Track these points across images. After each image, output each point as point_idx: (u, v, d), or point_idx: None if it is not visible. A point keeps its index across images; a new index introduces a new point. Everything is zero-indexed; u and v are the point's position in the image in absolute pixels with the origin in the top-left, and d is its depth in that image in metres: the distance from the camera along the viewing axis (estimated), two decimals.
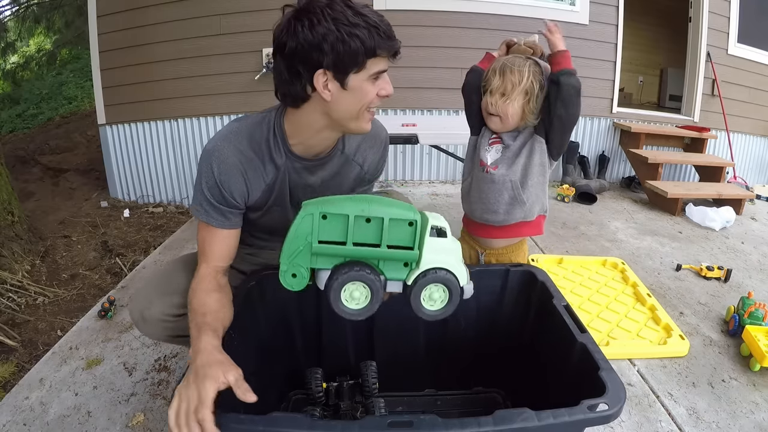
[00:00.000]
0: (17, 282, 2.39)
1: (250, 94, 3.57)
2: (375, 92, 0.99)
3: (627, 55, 4.11)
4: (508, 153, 1.32)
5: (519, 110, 1.26)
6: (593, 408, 0.73)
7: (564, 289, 2.16)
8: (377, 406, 1.06)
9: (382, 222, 0.79)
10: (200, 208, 1.07)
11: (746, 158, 4.57)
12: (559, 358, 0.99)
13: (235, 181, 1.05)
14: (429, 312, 0.87)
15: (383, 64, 0.97)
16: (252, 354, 1.05)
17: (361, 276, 0.81)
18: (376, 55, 0.94)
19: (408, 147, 3.82)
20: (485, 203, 1.35)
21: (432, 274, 0.84)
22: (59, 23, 6.82)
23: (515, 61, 1.26)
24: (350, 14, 0.90)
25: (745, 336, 1.73)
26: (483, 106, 1.32)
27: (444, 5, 3.56)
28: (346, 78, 0.94)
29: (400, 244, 0.82)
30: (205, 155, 1.06)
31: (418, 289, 0.84)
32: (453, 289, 0.85)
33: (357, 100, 0.98)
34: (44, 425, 1.40)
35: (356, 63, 0.93)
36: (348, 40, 0.90)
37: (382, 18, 0.95)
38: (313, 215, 0.80)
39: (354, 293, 0.84)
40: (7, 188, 2.76)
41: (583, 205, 3.50)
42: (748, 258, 2.67)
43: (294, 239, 0.81)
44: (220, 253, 1.08)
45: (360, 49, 0.91)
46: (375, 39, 0.92)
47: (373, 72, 0.96)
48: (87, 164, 4.57)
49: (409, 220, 0.81)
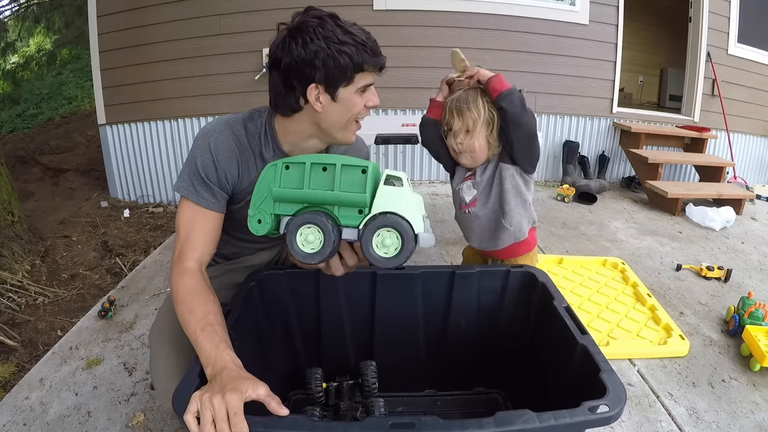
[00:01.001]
0: (17, 282, 2.39)
1: (250, 94, 3.57)
2: (362, 103, 1.06)
3: (627, 55, 4.11)
4: (479, 187, 1.35)
5: (485, 142, 1.29)
6: (594, 410, 0.73)
7: (564, 289, 2.16)
8: (377, 406, 1.06)
9: (335, 168, 0.84)
10: (190, 187, 1.05)
11: (746, 158, 4.57)
12: (560, 359, 0.98)
13: (230, 163, 1.07)
14: (380, 258, 0.86)
15: (370, 78, 1.06)
16: (252, 354, 1.05)
17: (314, 218, 0.85)
18: (363, 70, 1.02)
19: (408, 147, 3.83)
20: (475, 234, 1.42)
21: (381, 217, 0.84)
22: (59, 23, 6.82)
23: (467, 98, 1.27)
24: (339, 33, 0.98)
25: (745, 336, 1.73)
26: (450, 147, 1.34)
27: (444, 5, 3.56)
28: (336, 91, 1.02)
29: (353, 190, 0.85)
30: (201, 135, 1.07)
31: (369, 232, 0.86)
32: (405, 235, 0.84)
33: (346, 111, 1.05)
34: (44, 425, 1.40)
35: (345, 77, 1.01)
36: (338, 57, 0.98)
37: (369, 35, 1.03)
38: (276, 165, 0.87)
39: (309, 237, 0.87)
40: (7, 188, 2.76)
41: (583, 205, 3.50)
42: (748, 258, 2.67)
43: (259, 187, 0.88)
44: (205, 240, 1.05)
45: (348, 65, 0.99)
46: (362, 55, 1.00)
47: (360, 85, 1.04)
48: (87, 164, 4.57)
49: (362, 167, 0.85)
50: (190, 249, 1.02)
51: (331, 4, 3.23)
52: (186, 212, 1.05)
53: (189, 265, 1.00)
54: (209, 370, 0.79)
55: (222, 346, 0.83)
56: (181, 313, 0.92)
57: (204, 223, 1.05)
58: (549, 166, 4.08)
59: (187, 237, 1.03)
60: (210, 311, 0.91)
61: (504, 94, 1.19)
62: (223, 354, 0.81)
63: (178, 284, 0.97)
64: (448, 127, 1.31)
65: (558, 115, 3.95)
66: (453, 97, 1.30)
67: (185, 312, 0.91)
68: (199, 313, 0.89)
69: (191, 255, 1.02)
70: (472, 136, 1.27)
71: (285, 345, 1.22)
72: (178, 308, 0.94)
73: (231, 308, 1.02)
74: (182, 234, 1.04)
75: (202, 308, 0.91)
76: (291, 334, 1.23)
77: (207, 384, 0.77)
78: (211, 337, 0.84)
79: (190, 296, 0.94)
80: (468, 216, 1.39)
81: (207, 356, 0.81)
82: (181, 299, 0.94)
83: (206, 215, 1.05)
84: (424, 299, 1.19)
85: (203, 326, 0.86)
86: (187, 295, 0.94)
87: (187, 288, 0.96)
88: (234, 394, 0.71)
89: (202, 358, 0.82)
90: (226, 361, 0.80)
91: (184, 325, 0.90)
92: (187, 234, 1.04)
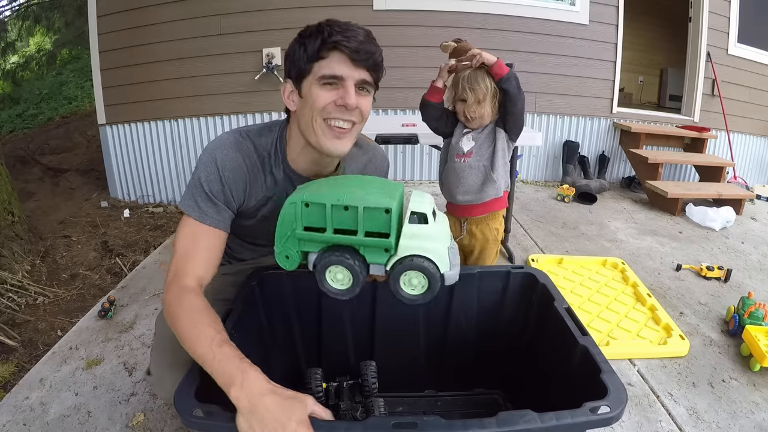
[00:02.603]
0: (17, 282, 2.38)
1: (250, 94, 3.57)
2: (328, 99, 0.95)
3: (627, 55, 4.11)
4: (478, 141, 1.59)
5: (490, 110, 1.55)
6: (595, 410, 0.73)
7: (564, 289, 2.16)
8: (377, 406, 1.06)
9: (357, 211, 0.82)
10: (193, 204, 0.98)
11: (746, 158, 4.57)
12: (560, 360, 0.98)
13: (237, 180, 1.01)
14: (408, 297, 0.88)
15: (337, 69, 0.93)
16: (252, 354, 1.05)
17: (341, 261, 0.85)
18: (321, 57, 0.93)
19: (408, 147, 3.83)
20: (463, 185, 1.59)
21: (408, 261, 0.85)
22: (59, 23, 6.82)
23: (476, 77, 1.51)
24: (316, 27, 0.94)
25: (745, 336, 1.73)
26: (461, 113, 1.58)
27: (444, 5, 3.56)
28: (301, 85, 0.97)
29: (378, 231, 0.84)
30: (208, 150, 1.01)
31: (396, 274, 0.86)
32: (431, 277, 0.86)
33: (309, 106, 0.96)
34: (44, 425, 1.40)
35: (304, 68, 0.95)
36: (297, 48, 0.95)
37: (352, 29, 0.94)
38: (296, 204, 0.84)
39: (338, 275, 0.87)
40: (7, 188, 2.76)
41: (583, 205, 3.50)
42: (748, 258, 2.67)
43: (282, 225, 0.87)
44: (206, 258, 0.96)
45: (303, 55, 0.94)
46: (318, 41, 0.92)
47: (320, 75, 0.94)
48: (87, 164, 4.57)
49: (385, 208, 0.82)
50: (191, 266, 0.93)
51: (332, 4, 3.24)
52: (186, 228, 0.97)
53: (189, 283, 0.90)
54: (234, 391, 0.72)
55: (246, 364, 0.76)
56: (184, 330, 0.83)
57: (206, 240, 0.97)
58: (549, 166, 4.08)
59: (186, 254, 0.94)
60: (222, 329, 0.83)
61: (505, 78, 1.46)
62: (252, 372, 0.74)
63: (179, 301, 0.87)
64: (461, 98, 1.54)
65: (558, 115, 3.95)
66: (464, 74, 1.52)
67: (190, 328, 0.82)
68: (210, 331, 0.80)
69: (191, 272, 0.92)
70: (482, 106, 1.53)
71: (285, 345, 1.22)
72: (179, 325, 0.84)
73: (232, 308, 1.02)
74: (180, 251, 0.95)
75: (213, 327, 0.82)
76: (291, 333, 1.23)
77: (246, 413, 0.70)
78: (230, 354, 0.77)
79: (196, 312, 0.85)
80: (462, 165, 1.59)
81: (230, 374, 0.74)
82: (186, 315, 0.84)
83: (208, 232, 0.98)
84: None
85: (219, 343, 0.78)
86: (192, 312, 0.85)
87: (193, 305, 0.86)
88: (306, 430, 0.69)
89: (223, 375, 0.75)
90: (259, 385, 0.73)
91: (190, 342, 0.80)
92: (186, 251, 0.95)
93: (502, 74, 1.46)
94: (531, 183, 4.00)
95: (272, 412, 0.70)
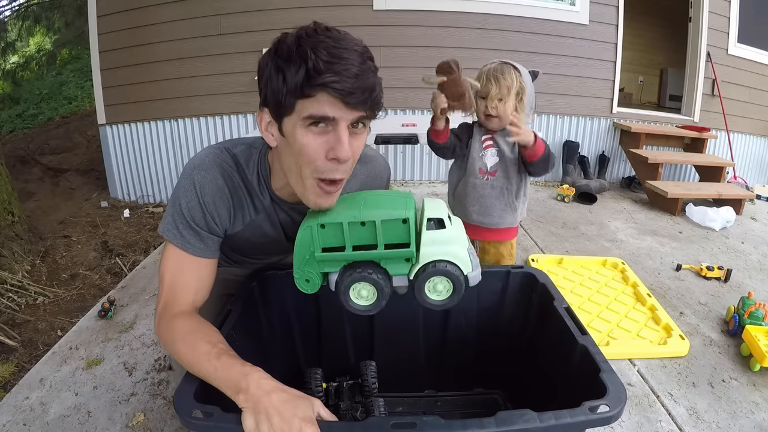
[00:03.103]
0: (17, 282, 2.38)
1: (250, 94, 3.57)
2: (318, 150, 0.78)
3: (627, 55, 4.11)
4: (505, 161, 1.46)
5: (513, 108, 1.42)
6: (594, 409, 0.73)
7: (564, 289, 2.16)
8: (377, 406, 1.06)
9: (375, 225, 0.82)
10: (175, 231, 0.90)
11: (746, 158, 4.57)
12: (560, 360, 0.98)
13: (219, 205, 0.92)
14: (435, 302, 0.89)
15: (327, 110, 0.74)
16: (252, 354, 1.05)
17: (364, 277, 0.84)
18: (305, 95, 0.74)
19: (408, 147, 3.83)
20: (482, 206, 1.48)
21: (431, 267, 0.85)
22: (59, 23, 6.82)
23: (502, 69, 1.41)
24: (295, 47, 0.73)
25: (745, 336, 1.73)
26: (481, 110, 1.45)
27: (444, 5, 3.56)
28: (281, 122, 0.79)
29: (398, 242, 0.84)
30: (187, 171, 0.91)
31: (421, 282, 0.86)
32: (455, 280, 0.86)
33: (293, 152, 0.80)
34: (44, 425, 1.40)
35: (285, 104, 0.76)
36: (274, 75, 0.76)
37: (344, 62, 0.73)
38: (312, 227, 0.83)
39: (362, 291, 0.87)
40: (7, 188, 2.76)
41: (583, 205, 3.50)
42: (748, 258, 2.67)
43: (299, 249, 0.85)
44: (195, 291, 0.91)
45: (283, 87, 0.74)
46: (301, 75, 0.72)
47: (306, 115, 0.75)
48: (87, 164, 4.57)
49: (402, 218, 0.82)
50: (180, 298, 0.89)
51: (332, 4, 3.24)
52: (171, 259, 0.91)
53: (180, 310, 0.87)
54: (242, 397, 0.71)
55: (248, 368, 0.74)
56: (183, 354, 0.80)
57: (192, 270, 0.92)
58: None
59: (173, 286, 0.90)
60: (219, 340, 0.81)
61: (536, 162, 1.38)
62: (255, 373, 0.73)
63: (171, 330, 0.84)
64: (483, 94, 1.42)
65: (558, 115, 3.95)
66: (488, 66, 1.43)
67: (188, 353, 0.79)
68: (206, 347, 0.78)
69: (182, 302, 0.88)
70: (504, 101, 1.41)
71: (285, 345, 1.22)
72: (177, 352, 0.81)
73: (232, 308, 1.02)
74: (167, 282, 0.90)
75: (208, 341, 0.80)
76: (291, 333, 1.23)
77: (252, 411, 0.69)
78: (231, 363, 0.75)
79: (190, 335, 0.82)
80: (484, 183, 1.47)
81: (235, 382, 0.73)
82: (181, 340, 0.81)
83: (195, 261, 0.92)
84: None
85: (217, 355, 0.76)
86: (186, 335, 0.82)
87: (185, 329, 0.83)
88: (311, 427, 0.68)
89: (228, 385, 0.73)
90: (264, 383, 0.72)
91: (191, 364, 0.78)
92: (173, 282, 0.90)
93: (535, 159, 1.36)
94: (531, 183, 3.99)
95: (277, 409, 0.69)
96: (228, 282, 1.17)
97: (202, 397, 0.77)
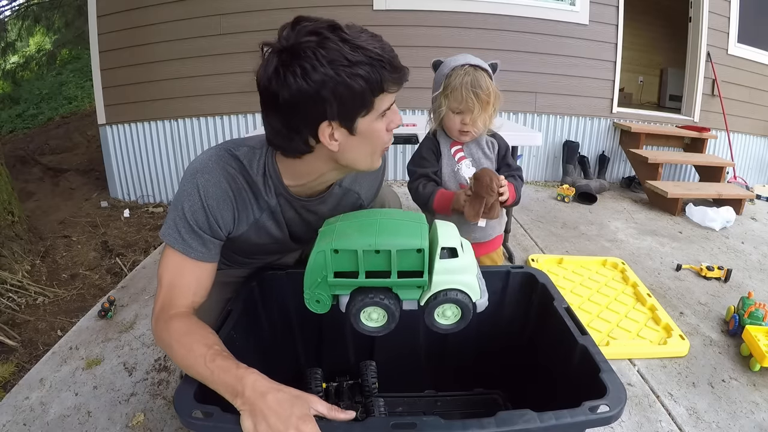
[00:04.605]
0: (17, 282, 2.38)
1: (250, 94, 3.54)
2: (384, 129, 0.89)
3: (627, 55, 4.11)
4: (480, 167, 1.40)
5: (488, 120, 1.37)
6: (594, 409, 0.74)
7: (564, 289, 2.16)
8: (377, 406, 1.06)
9: (390, 254, 0.83)
10: (176, 236, 0.91)
11: (746, 158, 4.57)
12: (560, 359, 0.99)
13: (223, 208, 0.93)
14: (443, 327, 0.91)
15: (391, 98, 0.87)
16: (252, 354, 1.05)
17: (376, 302, 0.86)
18: (383, 91, 0.83)
19: (408, 147, 3.82)
20: (470, 224, 1.36)
21: (442, 296, 0.87)
22: (59, 23, 6.82)
23: (478, 80, 1.30)
24: (348, 50, 0.78)
25: (745, 336, 1.73)
26: (456, 127, 1.37)
27: (444, 5, 3.56)
28: (354, 123, 0.84)
29: (411, 269, 0.85)
30: (189, 174, 0.92)
31: (431, 308, 0.89)
32: (464, 308, 0.89)
33: (368, 143, 0.88)
34: (44, 425, 1.39)
35: (364, 106, 0.83)
36: (350, 83, 0.78)
37: (384, 44, 0.82)
38: (325, 252, 0.83)
39: (372, 315, 0.89)
40: (7, 188, 2.76)
41: (583, 205, 3.50)
42: (748, 258, 2.67)
43: (311, 272, 0.86)
44: (193, 293, 0.92)
45: (366, 90, 0.80)
46: (380, 73, 0.80)
47: (382, 110, 0.86)
48: (87, 164, 4.57)
49: (417, 248, 0.83)
50: (178, 299, 0.89)
51: (331, 4, 3.24)
52: (171, 262, 0.91)
53: (177, 311, 0.88)
54: (239, 401, 0.72)
55: (242, 370, 0.75)
56: (179, 356, 0.80)
57: (192, 271, 0.92)
58: (549, 166, 4.08)
59: (172, 287, 0.90)
60: (214, 342, 0.81)
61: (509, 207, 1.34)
62: (250, 376, 0.73)
63: (168, 331, 0.84)
64: (459, 110, 1.33)
65: (558, 115, 3.95)
66: (462, 78, 1.31)
67: (184, 355, 0.80)
68: (201, 350, 0.78)
69: (179, 304, 0.89)
70: (483, 112, 1.34)
71: (285, 345, 1.22)
72: (173, 355, 0.82)
73: (232, 308, 1.02)
74: (166, 283, 0.90)
75: (204, 343, 0.80)
76: (291, 333, 1.23)
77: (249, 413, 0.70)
78: (226, 366, 0.76)
79: (185, 337, 0.82)
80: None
81: (231, 385, 0.73)
82: (176, 342, 0.82)
83: (195, 266, 0.92)
84: None
85: (212, 357, 0.77)
86: (181, 337, 0.82)
87: (181, 330, 0.84)
88: (309, 424, 0.68)
89: (225, 388, 0.74)
90: (259, 385, 0.72)
91: (188, 367, 0.79)
92: (171, 284, 0.90)
93: (511, 202, 1.33)
94: (531, 183, 4.00)
95: (273, 409, 0.70)
96: (228, 285, 1.17)
97: (202, 397, 0.77)
